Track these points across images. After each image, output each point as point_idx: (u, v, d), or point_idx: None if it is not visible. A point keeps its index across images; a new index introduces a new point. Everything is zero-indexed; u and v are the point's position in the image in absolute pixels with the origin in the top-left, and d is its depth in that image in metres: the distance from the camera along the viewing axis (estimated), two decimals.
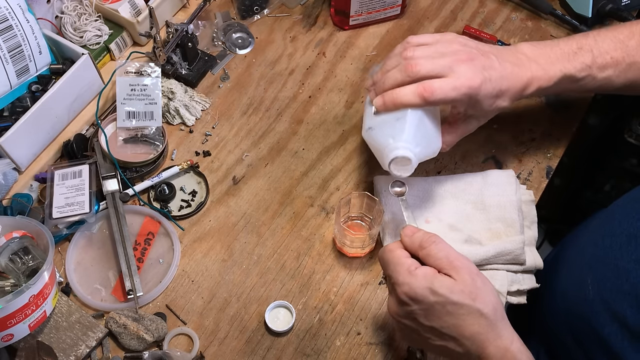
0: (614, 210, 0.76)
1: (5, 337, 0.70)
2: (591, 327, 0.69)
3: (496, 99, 0.74)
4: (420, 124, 0.73)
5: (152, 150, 0.89)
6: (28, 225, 0.76)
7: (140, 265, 0.82)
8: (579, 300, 0.73)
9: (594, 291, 0.70)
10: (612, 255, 0.70)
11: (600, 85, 0.79)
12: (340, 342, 0.77)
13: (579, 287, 0.73)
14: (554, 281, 0.82)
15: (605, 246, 0.71)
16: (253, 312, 0.79)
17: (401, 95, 0.72)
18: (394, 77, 0.74)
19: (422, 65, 0.72)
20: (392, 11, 1.03)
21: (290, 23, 1.04)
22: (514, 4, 1.06)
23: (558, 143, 0.92)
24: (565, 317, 0.77)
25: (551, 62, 0.76)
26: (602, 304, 0.68)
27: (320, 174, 0.89)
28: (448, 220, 0.82)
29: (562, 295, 0.79)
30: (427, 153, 0.75)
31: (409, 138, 0.72)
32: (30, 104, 0.85)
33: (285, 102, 0.96)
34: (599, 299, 0.69)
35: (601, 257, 0.72)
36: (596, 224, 0.79)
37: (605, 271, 0.69)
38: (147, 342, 0.75)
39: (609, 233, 0.72)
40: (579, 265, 0.77)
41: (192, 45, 0.95)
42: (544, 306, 0.83)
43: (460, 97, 0.72)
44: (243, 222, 0.85)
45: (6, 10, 0.81)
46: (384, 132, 0.74)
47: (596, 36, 0.78)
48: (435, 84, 0.71)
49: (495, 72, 0.73)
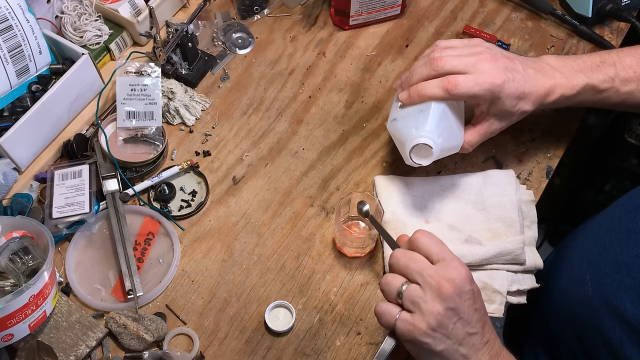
0: (613, 208, 0.77)
1: (5, 337, 0.70)
2: (591, 323, 0.70)
3: (519, 100, 0.76)
4: (443, 116, 0.76)
5: (152, 150, 0.89)
6: (28, 225, 0.76)
7: (140, 265, 0.82)
8: (578, 298, 0.73)
9: (593, 288, 0.71)
10: (611, 251, 0.70)
11: (624, 100, 0.80)
12: (340, 342, 0.77)
13: (579, 284, 0.74)
14: (554, 281, 0.82)
15: (604, 243, 0.72)
16: (253, 312, 0.79)
17: (426, 88, 0.76)
18: (420, 71, 0.77)
19: (447, 60, 0.75)
20: (392, 11, 1.03)
21: (290, 23, 1.04)
22: (514, 4, 1.06)
23: (558, 143, 0.92)
24: (565, 315, 0.77)
25: (574, 72, 0.79)
26: (602, 300, 0.68)
27: (320, 174, 0.89)
28: (448, 220, 0.82)
29: (562, 294, 0.79)
30: (449, 146, 0.77)
31: (431, 128, 0.74)
32: (30, 104, 0.85)
33: (285, 102, 0.96)
34: (598, 295, 0.69)
35: (600, 253, 0.72)
36: (595, 222, 0.79)
37: (605, 267, 0.70)
38: (147, 342, 0.75)
39: (608, 230, 0.72)
40: (578, 263, 0.77)
41: (192, 45, 0.95)
42: (544, 306, 0.83)
43: (482, 93, 0.74)
44: (243, 222, 0.85)
45: (6, 10, 0.81)
46: (407, 123, 0.77)
47: (619, 52, 0.80)
48: (459, 78, 0.74)
49: (518, 74, 0.76)
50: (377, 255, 0.83)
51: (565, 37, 1.02)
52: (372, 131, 0.93)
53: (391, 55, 1.01)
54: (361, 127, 0.93)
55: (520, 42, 1.01)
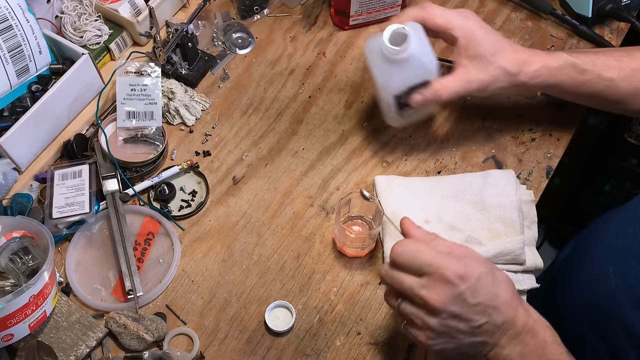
0: (636, 202, 0.76)
1: (5, 337, 0.70)
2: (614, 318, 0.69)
3: (495, 51, 0.76)
4: (418, 33, 0.78)
5: (152, 150, 0.89)
6: (28, 225, 0.76)
7: (140, 265, 0.82)
8: (600, 292, 0.73)
9: (617, 280, 0.70)
10: (636, 243, 0.69)
11: (607, 87, 0.78)
12: (340, 342, 0.77)
13: (601, 278, 0.73)
14: (572, 277, 0.81)
15: (628, 235, 0.71)
16: (253, 312, 0.79)
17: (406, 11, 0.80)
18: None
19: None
20: (392, 11, 1.03)
21: (290, 23, 1.04)
22: (514, 4, 1.06)
23: (558, 143, 0.92)
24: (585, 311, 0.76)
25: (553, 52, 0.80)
26: (626, 292, 0.68)
27: (320, 174, 0.89)
28: (448, 220, 0.82)
29: (582, 289, 0.78)
30: (423, 58, 0.78)
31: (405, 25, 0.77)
32: (30, 104, 0.85)
33: (285, 102, 0.96)
34: (622, 287, 0.69)
35: (624, 246, 0.71)
36: (616, 215, 0.79)
37: (629, 259, 0.69)
38: (147, 342, 0.75)
39: (632, 222, 0.72)
40: (600, 257, 0.76)
41: (192, 45, 0.95)
42: (559, 302, 0.82)
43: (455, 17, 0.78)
44: (243, 222, 0.85)
45: (6, 10, 0.81)
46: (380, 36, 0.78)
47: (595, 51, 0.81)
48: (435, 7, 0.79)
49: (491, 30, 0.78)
50: (377, 256, 0.83)
51: (565, 37, 1.02)
52: (372, 131, 0.93)
53: None
54: (361, 127, 0.93)
55: (520, 42, 1.01)
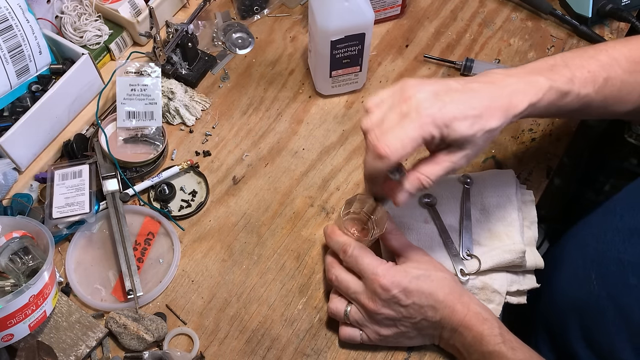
0: (614, 204, 0.76)
1: (5, 337, 0.70)
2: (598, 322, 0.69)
3: (474, 118, 0.62)
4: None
5: (152, 150, 0.89)
6: (28, 225, 0.76)
7: (140, 265, 0.82)
8: (584, 295, 0.73)
9: (599, 286, 0.70)
10: (615, 250, 0.70)
11: (583, 105, 0.69)
12: (340, 342, 0.77)
13: (584, 282, 0.73)
14: (556, 278, 0.81)
15: (607, 241, 0.72)
16: (253, 312, 0.79)
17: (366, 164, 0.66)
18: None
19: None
20: (392, 11, 1.03)
21: (290, 23, 1.04)
22: (514, 4, 1.06)
23: (558, 143, 0.92)
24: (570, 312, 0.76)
25: (530, 75, 0.66)
26: (609, 300, 0.68)
27: (320, 174, 0.89)
28: (447, 221, 0.82)
29: (566, 291, 0.78)
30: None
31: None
32: (30, 104, 0.85)
33: (285, 102, 0.96)
34: (605, 295, 0.69)
35: (604, 251, 0.72)
36: (597, 219, 0.79)
37: (609, 265, 0.69)
38: (147, 342, 0.75)
39: (611, 227, 0.72)
40: (582, 260, 0.76)
41: (192, 45, 0.95)
42: (546, 303, 0.83)
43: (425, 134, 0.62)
44: (243, 222, 0.85)
45: (6, 10, 0.81)
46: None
47: (563, 55, 0.70)
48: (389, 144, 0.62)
49: (456, 93, 0.63)
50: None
51: (565, 37, 1.02)
52: None
53: (391, 55, 1.01)
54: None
55: (520, 42, 1.01)
